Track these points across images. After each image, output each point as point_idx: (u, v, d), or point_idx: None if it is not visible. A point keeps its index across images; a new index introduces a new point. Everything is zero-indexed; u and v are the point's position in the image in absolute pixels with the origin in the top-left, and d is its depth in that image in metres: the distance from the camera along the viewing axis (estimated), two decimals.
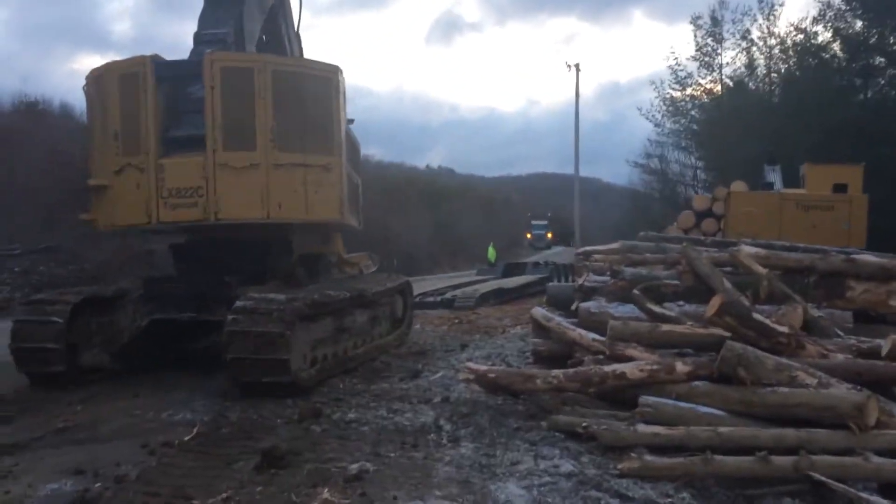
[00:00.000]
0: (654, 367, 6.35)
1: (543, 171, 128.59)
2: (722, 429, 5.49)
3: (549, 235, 69.86)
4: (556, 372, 6.70)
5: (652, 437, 5.57)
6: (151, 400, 7.47)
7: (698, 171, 37.51)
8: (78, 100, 53.31)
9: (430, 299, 17.96)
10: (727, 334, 6.36)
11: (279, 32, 11.02)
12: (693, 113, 37.10)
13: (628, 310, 7.67)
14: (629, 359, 6.67)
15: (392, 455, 5.52)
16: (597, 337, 7.37)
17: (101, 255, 21.25)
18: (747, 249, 7.60)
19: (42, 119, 28.29)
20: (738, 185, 17.84)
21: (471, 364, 7.13)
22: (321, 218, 9.07)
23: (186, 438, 5.86)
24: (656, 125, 38.17)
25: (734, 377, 5.92)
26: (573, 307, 8.44)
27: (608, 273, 9.14)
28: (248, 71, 8.40)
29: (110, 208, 8.72)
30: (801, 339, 6.23)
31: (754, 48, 35.57)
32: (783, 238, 11.94)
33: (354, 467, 5.10)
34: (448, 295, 18.17)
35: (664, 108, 37.43)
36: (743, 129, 31.44)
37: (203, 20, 9.53)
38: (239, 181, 8.27)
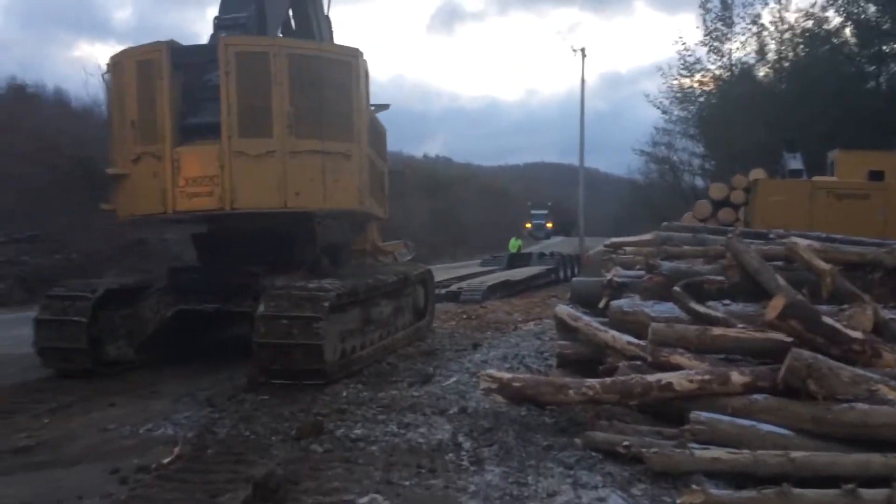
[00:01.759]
0: (706, 377, 5.54)
1: (542, 160, 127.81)
2: (795, 454, 4.69)
3: (550, 225, 68.97)
4: (591, 381, 5.87)
5: (712, 462, 4.75)
6: (129, 409, 6.64)
7: (705, 160, 36.62)
8: (74, 86, 52.70)
9: (436, 292, 17.09)
10: (788, 339, 5.56)
11: (307, 16, 10.58)
12: (701, 100, 36.20)
13: (666, 309, 6.86)
14: (674, 367, 5.85)
15: (406, 483, 4.69)
16: (632, 340, 6.56)
17: (90, 244, 20.33)
18: (802, 242, 6.76)
19: (32, 104, 27.32)
20: (758, 173, 17.04)
21: (492, 371, 6.28)
22: (340, 206, 8.82)
23: (165, 461, 5.01)
24: (664, 112, 37.39)
25: (802, 390, 5.12)
26: (601, 305, 7.63)
27: (638, 267, 8.33)
28: (264, 55, 8.17)
29: (128, 198, 8.61)
30: (877, 345, 5.41)
31: (765, 33, 34.73)
32: (814, 229, 11.14)
33: (364, 501, 4.27)
34: (453, 287, 17.32)
35: (672, 94, 36.56)
36: (752, 117, 30.69)
37: (224, 4, 9.19)
38: (255, 169, 8.09)
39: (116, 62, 8.74)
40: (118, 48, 8.79)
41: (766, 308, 6.41)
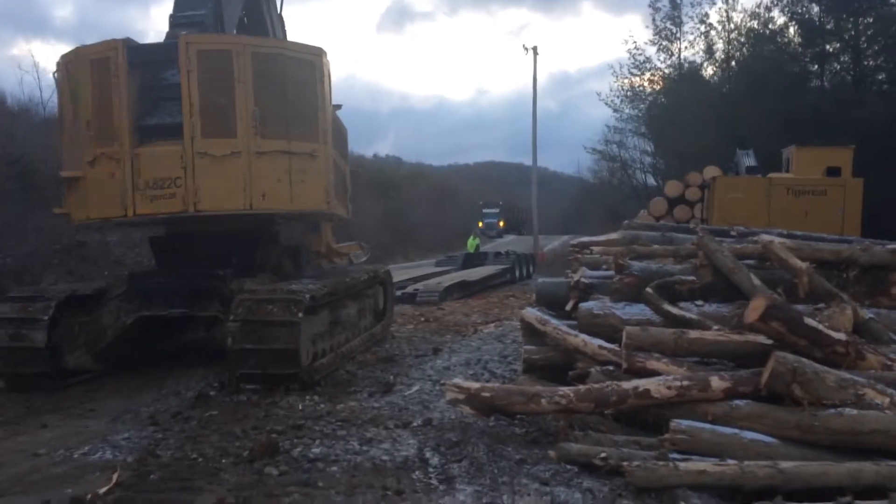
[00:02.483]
0: (685, 383, 5.27)
1: (493, 159, 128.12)
2: (784, 464, 4.44)
3: (502, 224, 68.94)
4: (564, 389, 5.55)
5: (697, 475, 4.47)
6: (63, 431, 6.06)
7: (656, 158, 36.91)
8: (10, 85, 50.66)
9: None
10: (769, 342, 5.33)
11: (261, 13, 10.31)
12: (651, 98, 36.45)
13: (638, 311, 6.58)
14: (650, 372, 5.57)
15: None
16: (604, 344, 6.26)
17: (26, 247, 19.30)
18: (776, 239, 6.56)
19: None
20: (712, 170, 17.04)
21: (458, 381, 5.91)
22: (307, 208, 8.66)
23: (102, 491, 4.49)
24: (615, 110, 37.49)
25: (786, 396, 4.89)
26: (568, 307, 7.33)
27: (605, 267, 8.07)
28: (227, 53, 7.98)
29: (84, 201, 8.30)
30: (860, 347, 5.20)
31: (713, 33, 35.13)
32: (772, 226, 11.08)
33: None
34: (409, 289, 16.91)
35: (623, 93, 36.73)
36: (701, 115, 31.00)
37: (179, 2, 8.95)
38: (219, 170, 7.90)
39: (68, 61, 8.43)
40: (59, 47, 8.46)
41: (742, 309, 6.21)
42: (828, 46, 31.34)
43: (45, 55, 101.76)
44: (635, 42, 47.74)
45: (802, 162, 14.43)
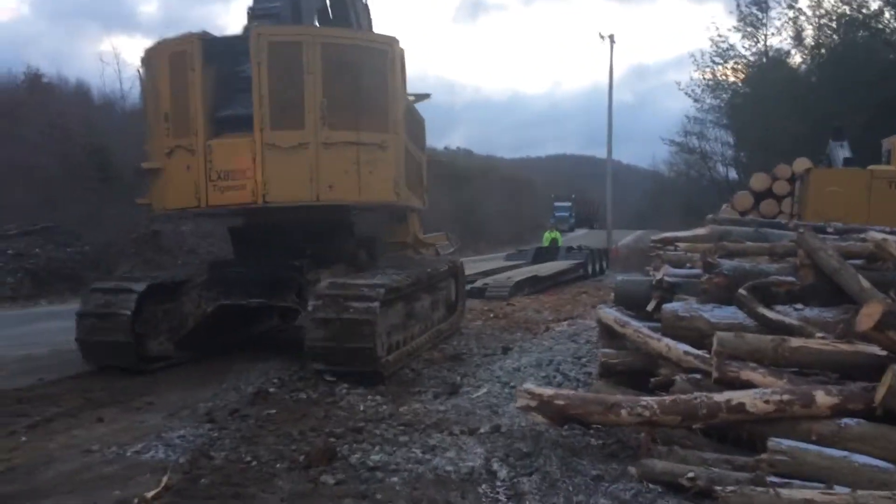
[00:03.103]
0: (786, 397, 4.70)
1: (564, 152, 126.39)
2: None
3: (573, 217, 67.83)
4: (647, 400, 5.04)
5: None
6: (119, 426, 5.89)
7: (737, 150, 35.36)
8: (97, 79, 52.61)
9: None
10: (882, 353, 4.71)
11: (344, 4, 10.17)
12: (735, 87, 34.91)
13: (728, 314, 5.99)
14: (745, 383, 5.01)
15: None
16: (690, 350, 5.71)
17: (103, 236, 19.78)
18: (891, 237, 5.87)
19: (48, 94, 26.85)
20: (803, 163, 16.01)
21: (530, 386, 5.45)
22: (375, 199, 8.67)
23: (149, 495, 4.25)
24: (696, 100, 36.02)
25: None
26: (650, 307, 6.78)
27: (689, 265, 7.48)
28: (297, 45, 7.99)
29: (163, 192, 8.59)
30: None
31: (802, 18, 33.35)
32: (872, 222, 10.19)
33: None
34: (478, 283, 16.43)
35: (704, 82, 35.26)
36: (788, 105, 29.51)
37: None
38: (287, 162, 7.93)
39: (150, 55, 8.67)
40: (143, 42, 9.06)
41: (848, 315, 5.58)
42: None
43: (130, 50, 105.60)
44: (717, 28, 45.73)
45: None
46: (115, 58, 35.75)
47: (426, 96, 10.54)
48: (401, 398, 6.71)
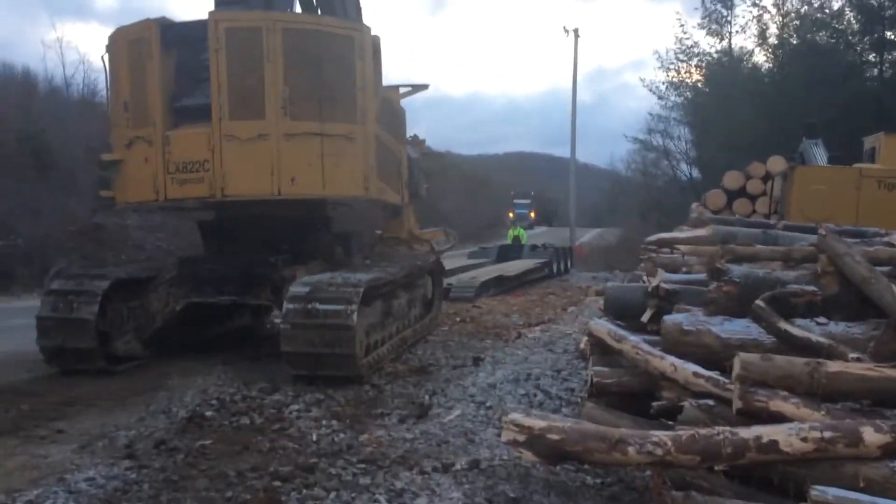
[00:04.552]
0: (827, 433, 3.90)
1: (522, 150, 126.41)
2: None
3: (533, 214, 67.42)
4: (660, 436, 4.19)
5: None
6: (18, 461, 4.87)
7: (700, 149, 35.02)
8: (43, 66, 50.43)
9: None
10: None
11: None
12: (697, 87, 34.61)
13: (739, 328, 5.22)
14: (775, 415, 4.21)
15: None
16: (701, 371, 4.88)
17: (39, 228, 18.44)
18: None
19: None
20: (777, 161, 15.49)
21: (517, 417, 4.55)
22: (342, 193, 8.39)
23: None
24: (660, 97, 35.54)
25: None
26: (645, 318, 6.00)
27: (685, 270, 6.72)
28: (256, 31, 7.66)
29: (124, 185, 8.35)
30: None
31: (766, 16, 33.20)
32: (860, 222, 9.63)
33: None
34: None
35: (668, 79, 34.84)
36: (751, 104, 29.27)
37: None
38: (247, 154, 7.66)
39: (111, 42, 8.35)
40: (100, 29, 8.61)
41: (879, 331, 4.85)
42: (888, 33, 29.55)
43: (83, 36, 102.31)
44: (683, 25, 45.78)
45: (894, 151, 12.82)
46: (58, 42, 34.02)
47: (424, 87, 10.31)
48: (361, 423, 5.77)
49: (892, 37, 29.67)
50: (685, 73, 34.70)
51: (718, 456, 4.06)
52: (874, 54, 30.20)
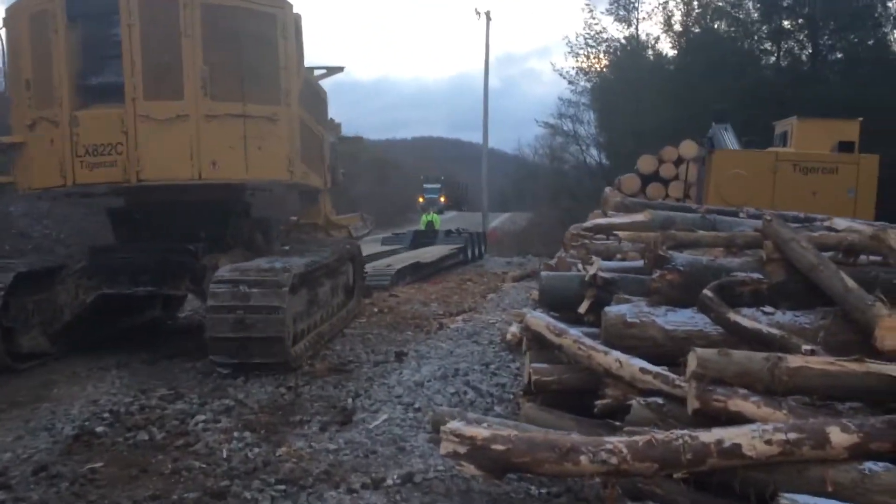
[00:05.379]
0: (792, 435, 3.64)
1: (430, 135, 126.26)
2: None
3: (443, 199, 67.17)
4: (613, 442, 3.83)
5: None
6: None
7: (607, 134, 35.50)
8: None
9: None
10: None
11: None
12: (605, 72, 35.04)
13: (684, 319, 4.97)
14: (734, 416, 3.92)
15: None
16: (648, 367, 4.59)
17: None
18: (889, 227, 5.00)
19: None
20: (689, 146, 15.68)
21: (457, 426, 4.08)
22: (265, 177, 8.11)
23: None
24: (570, 82, 35.79)
25: None
26: (581, 308, 5.68)
27: (620, 257, 6.44)
28: (173, 5, 7.27)
29: (27, 169, 7.87)
30: None
31: (672, 3, 33.85)
32: (776, 206, 9.67)
33: None
34: None
35: (577, 64, 35.12)
36: (656, 90, 29.81)
37: None
38: (163, 136, 7.32)
39: (10, 15, 7.84)
40: None
41: (827, 320, 4.69)
42: (785, 23, 30.67)
43: None
44: (591, 10, 46.18)
45: (806, 136, 13.06)
46: None
47: (339, 69, 10.00)
48: (277, 433, 5.17)
49: (789, 26, 30.82)
50: (594, 58, 35.03)
51: (678, 463, 3.73)
52: (771, 43, 31.26)
